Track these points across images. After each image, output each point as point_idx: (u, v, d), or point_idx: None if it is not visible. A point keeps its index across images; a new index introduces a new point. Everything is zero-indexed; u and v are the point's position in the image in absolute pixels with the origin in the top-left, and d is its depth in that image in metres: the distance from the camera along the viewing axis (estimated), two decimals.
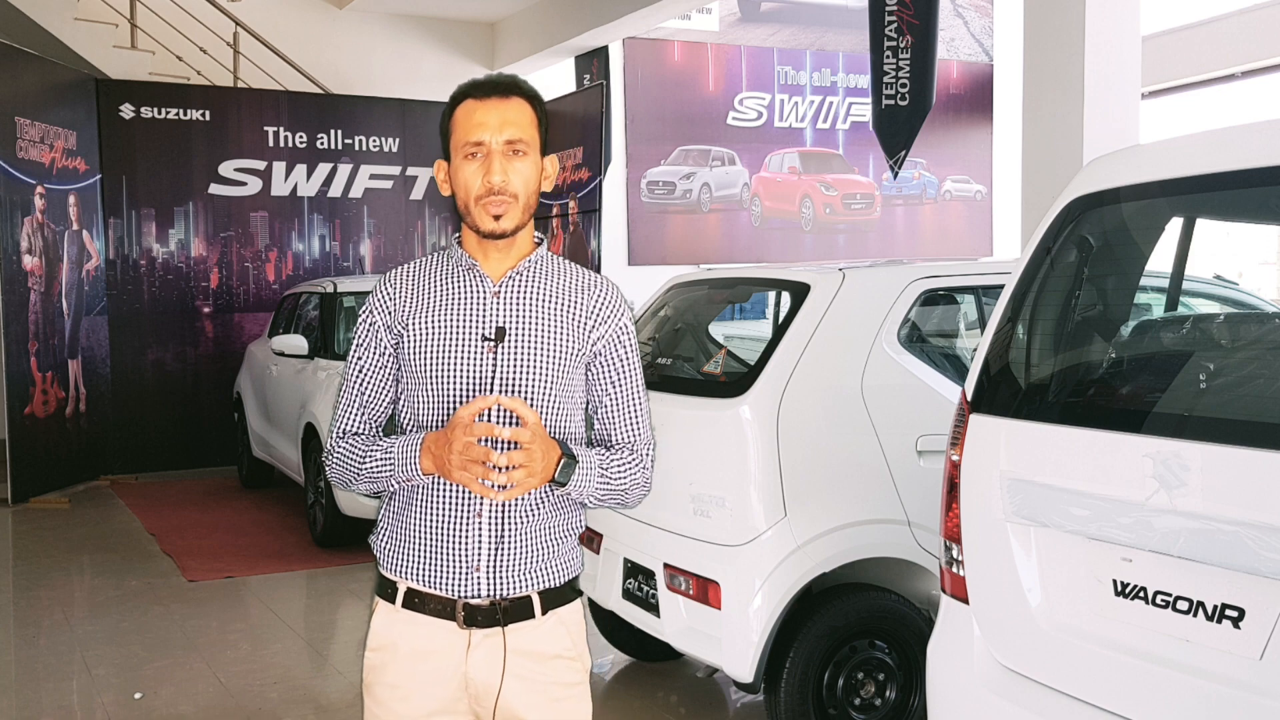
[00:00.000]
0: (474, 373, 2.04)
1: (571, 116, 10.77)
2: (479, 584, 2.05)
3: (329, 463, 2.15)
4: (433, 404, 2.06)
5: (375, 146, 10.72)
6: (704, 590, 3.74)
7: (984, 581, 2.69)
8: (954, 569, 2.78)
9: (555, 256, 2.16)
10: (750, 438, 3.70)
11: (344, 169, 10.60)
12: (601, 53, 12.05)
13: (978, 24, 15.12)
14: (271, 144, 10.30)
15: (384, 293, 2.13)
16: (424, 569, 2.07)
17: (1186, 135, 2.71)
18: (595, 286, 2.15)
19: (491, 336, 2.04)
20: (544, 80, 12.19)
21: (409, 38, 12.30)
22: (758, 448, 3.68)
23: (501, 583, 2.06)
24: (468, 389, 2.03)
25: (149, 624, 5.64)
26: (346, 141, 10.60)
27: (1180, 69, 13.25)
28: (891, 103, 7.60)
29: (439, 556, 2.06)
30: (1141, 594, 2.33)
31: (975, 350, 2.90)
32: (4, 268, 8.29)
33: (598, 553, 4.29)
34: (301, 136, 10.42)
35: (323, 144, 10.51)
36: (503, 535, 2.05)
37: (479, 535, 2.05)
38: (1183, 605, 2.25)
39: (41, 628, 5.69)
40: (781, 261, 13.54)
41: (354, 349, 2.15)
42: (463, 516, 2.05)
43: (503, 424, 1.99)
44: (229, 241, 10.20)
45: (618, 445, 2.15)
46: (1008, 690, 2.60)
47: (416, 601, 2.08)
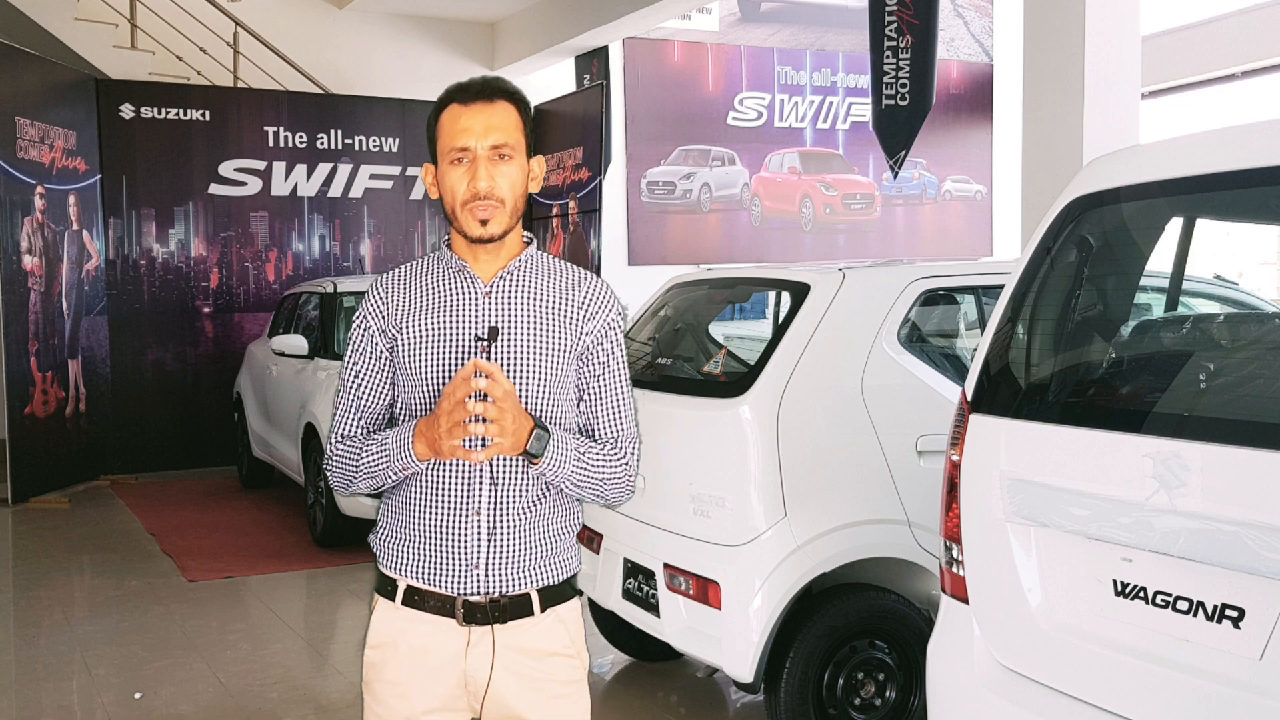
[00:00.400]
0: None
1: (571, 116, 10.78)
2: (478, 581, 2.06)
3: (329, 467, 2.16)
4: (429, 405, 2.07)
5: (375, 146, 10.72)
6: (704, 590, 3.74)
7: (984, 581, 2.69)
8: (954, 569, 2.78)
9: (545, 255, 2.17)
10: (750, 438, 3.70)
11: (344, 169, 10.60)
12: (601, 53, 12.05)
13: (978, 24, 15.12)
14: (271, 144, 10.30)
15: (376, 297, 2.14)
16: (423, 566, 2.08)
17: (1186, 135, 2.71)
18: (585, 282, 2.16)
19: (484, 336, 2.05)
20: (544, 80, 12.21)
21: (409, 38, 12.29)
22: (758, 448, 3.68)
23: (500, 580, 2.07)
24: None
25: (149, 624, 5.64)
26: (346, 141, 10.60)
27: (1180, 69, 13.25)
28: (891, 103, 7.60)
29: (438, 554, 2.07)
30: (1141, 594, 2.33)
31: (975, 350, 2.90)
32: (4, 268, 8.29)
33: (598, 553, 4.28)
34: (301, 136, 10.42)
35: (323, 144, 10.51)
36: (500, 532, 2.06)
37: (477, 532, 2.06)
38: (1183, 605, 2.25)
39: (41, 628, 5.69)
40: (781, 261, 13.54)
41: (349, 354, 2.16)
42: (461, 514, 2.06)
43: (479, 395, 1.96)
44: (229, 241, 10.20)
45: (601, 440, 2.15)
46: (1008, 690, 2.60)
47: (416, 599, 2.09)
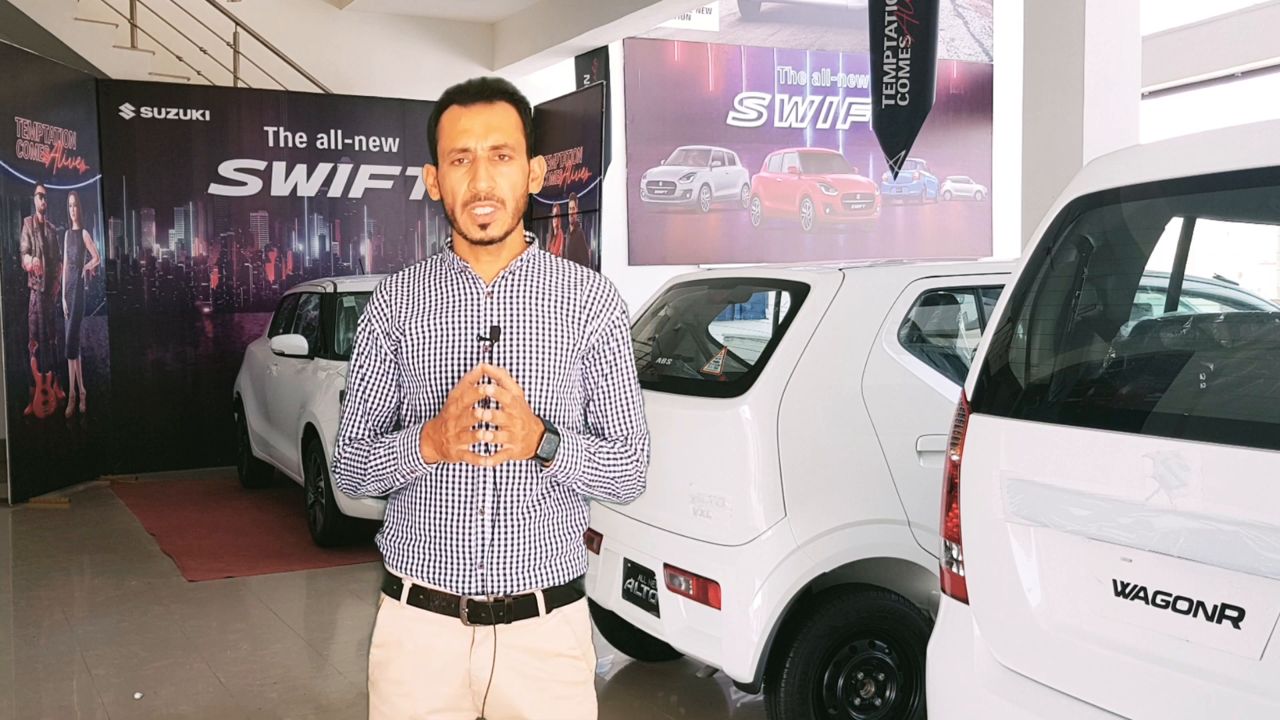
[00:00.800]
0: None
1: (571, 116, 10.78)
2: (483, 581, 2.06)
3: (337, 471, 2.17)
4: (434, 406, 2.07)
5: (375, 146, 10.72)
6: (704, 590, 3.74)
7: (984, 581, 2.69)
8: (954, 569, 2.78)
9: (547, 254, 2.17)
10: (750, 438, 3.70)
11: (344, 169, 10.60)
12: (601, 53, 12.05)
13: (978, 24, 15.12)
14: (271, 144, 10.30)
15: (380, 300, 2.15)
16: (428, 566, 2.09)
17: (1186, 135, 2.71)
18: (588, 281, 2.16)
19: (487, 336, 2.05)
20: (544, 80, 12.20)
21: (409, 38, 12.30)
22: (758, 448, 3.68)
23: (505, 580, 2.07)
24: None
25: (149, 624, 5.64)
26: (346, 141, 10.60)
27: (1180, 69, 13.25)
28: (891, 103, 7.60)
29: (443, 554, 2.08)
30: (1141, 594, 2.33)
31: (975, 350, 2.90)
32: (4, 268, 8.29)
33: (598, 553, 4.28)
34: (301, 136, 10.42)
35: (323, 144, 10.51)
36: (505, 532, 2.06)
37: (482, 532, 2.06)
38: (1183, 605, 2.25)
39: (41, 628, 5.69)
40: (781, 261, 13.54)
41: (355, 357, 2.17)
42: (466, 513, 2.06)
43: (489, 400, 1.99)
44: (229, 241, 10.20)
45: (610, 438, 2.16)
46: (1008, 690, 2.60)
47: (421, 598, 2.10)
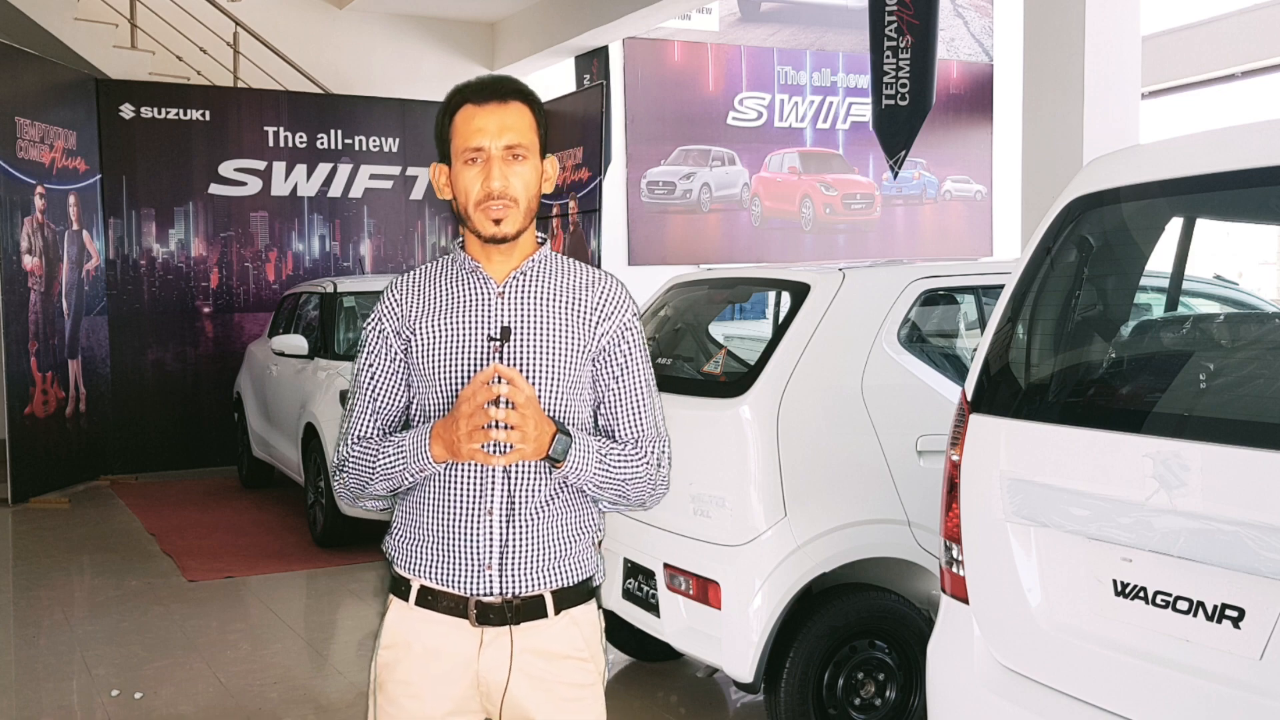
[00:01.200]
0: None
1: (571, 116, 10.77)
2: (491, 582, 2.05)
3: (341, 471, 2.13)
4: (443, 406, 2.06)
5: (375, 146, 10.72)
6: (704, 590, 3.74)
7: (984, 581, 2.69)
8: (954, 569, 2.78)
9: (559, 255, 2.16)
10: (750, 438, 3.70)
11: (344, 169, 10.60)
12: (601, 53, 12.05)
13: (978, 24, 15.12)
14: (271, 144, 10.30)
15: (391, 299, 2.13)
16: (436, 566, 2.08)
17: (1186, 135, 2.71)
18: (600, 282, 2.14)
19: (497, 336, 2.04)
20: (544, 80, 12.20)
21: (409, 38, 12.30)
22: (758, 448, 3.68)
23: (513, 581, 2.05)
24: None
25: (149, 624, 5.64)
26: (346, 141, 10.60)
27: (1180, 69, 13.25)
28: (891, 103, 7.60)
29: (451, 554, 2.06)
30: (1141, 594, 2.33)
31: (975, 350, 2.90)
32: (4, 268, 8.29)
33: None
34: (301, 136, 10.42)
35: (323, 144, 10.51)
36: (514, 532, 2.05)
37: (490, 532, 2.05)
38: (1183, 605, 2.25)
39: (41, 628, 5.69)
40: (781, 261, 13.54)
41: (363, 356, 2.15)
42: (474, 514, 2.05)
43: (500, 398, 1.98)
44: (229, 241, 10.20)
45: (621, 440, 2.13)
46: (1008, 690, 2.60)
47: (430, 599, 2.08)
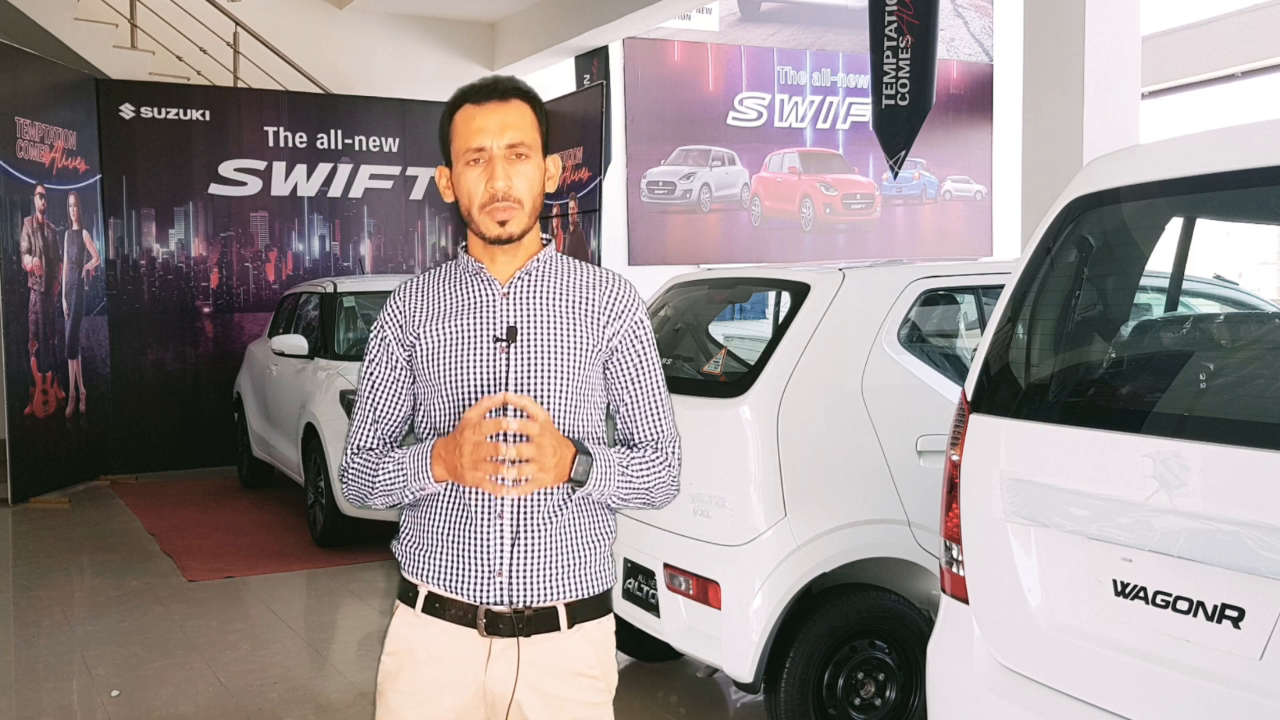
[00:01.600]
0: (488, 375, 2.00)
1: (571, 116, 10.77)
2: (500, 590, 2.00)
3: (345, 480, 2.11)
4: (449, 410, 2.03)
5: (375, 146, 10.72)
6: (704, 590, 3.74)
7: (984, 581, 2.69)
8: (954, 569, 2.78)
9: (563, 255, 2.13)
10: (750, 438, 3.70)
11: (344, 169, 10.60)
12: (601, 53, 12.05)
13: (978, 24, 15.12)
14: (271, 144, 10.30)
15: (394, 306, 2.11)
16: (445, 573, 2.03)
17: (1186, 135, 2.71)
18: (607, 282, 2.11)
19: (503, 336, 2.01)
20: (544, 80, 12.19)
21: (409, 38, 12.30)
22: (758, 448, 3.68)
23: (524, 590, 2.00)
24: (482, 392, 1.99)
25: (149, 624, 5.64)
26: (346, 141, 10.60)
27: (1180, 69, 13.24)
28: (891, 103, 7.60)
29: (459, 560, 2.01)
30: (1141, 594, 2.33)
31: (975, 350, 2.90)
32: (4, 268, 8.29)
33: None
34: (301, 136, 10.42)
35: (323, 144, 10.51)
36: (523, 539, 2.00)
37: (499, 539, 2.00)
38: (1183, 605, 2.25)
39: (41, 628, 5.69)
40: (781, 261, 13.54)
41: (366, 364, 2.12)
42: (483, 519, 2.00)
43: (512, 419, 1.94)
44: (229, 241, 10.20)
45: (641, 443, 2.10)
46: (1008, 690, 2.60)
47: (437, 606, 2.04)
